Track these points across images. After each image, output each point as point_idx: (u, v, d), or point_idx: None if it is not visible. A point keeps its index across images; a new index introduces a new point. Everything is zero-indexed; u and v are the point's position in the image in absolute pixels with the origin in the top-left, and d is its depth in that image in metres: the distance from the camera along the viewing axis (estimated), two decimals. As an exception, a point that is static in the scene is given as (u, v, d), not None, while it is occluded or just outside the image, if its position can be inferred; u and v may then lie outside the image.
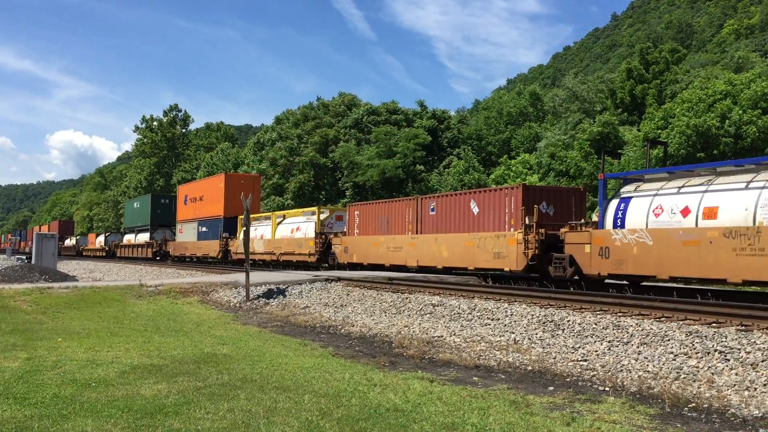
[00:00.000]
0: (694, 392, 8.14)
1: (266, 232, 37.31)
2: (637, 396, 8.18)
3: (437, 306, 14.94)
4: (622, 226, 16.72)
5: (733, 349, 9.14)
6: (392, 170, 52.59)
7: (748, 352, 8.91)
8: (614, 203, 17.36)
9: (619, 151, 44.59)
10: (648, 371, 9.16)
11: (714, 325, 10.47)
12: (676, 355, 9.46)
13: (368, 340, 12.79)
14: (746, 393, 7.88)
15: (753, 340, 9.24)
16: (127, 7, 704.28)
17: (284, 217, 37.14)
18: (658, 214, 15.89)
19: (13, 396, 7.41)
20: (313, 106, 65.80)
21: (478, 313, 13.74)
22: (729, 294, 15.62)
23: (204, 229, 41.66)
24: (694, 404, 7.71)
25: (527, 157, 52.95)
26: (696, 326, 10.38)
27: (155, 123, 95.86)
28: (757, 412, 7.28)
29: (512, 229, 20.37)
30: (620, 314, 12.02)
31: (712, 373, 8.65)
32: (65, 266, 47.97)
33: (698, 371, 8.82)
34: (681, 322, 10.80)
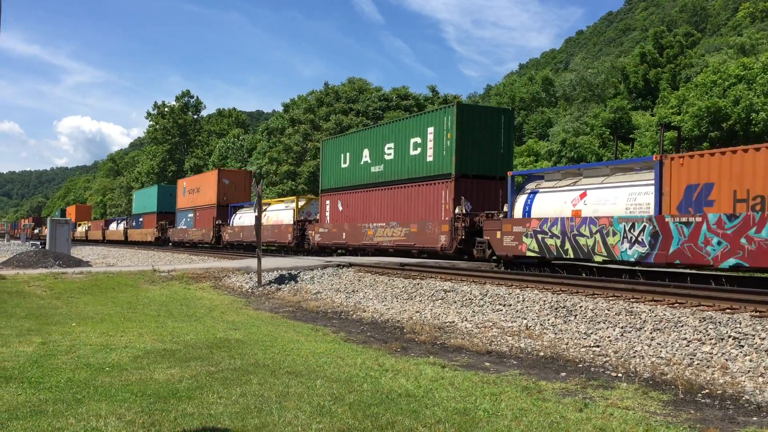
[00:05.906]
0: (708, 378, 8.10)
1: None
2: (650, 382, 8.15)
3: (449, 292, 14.92)
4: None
5: (747, 335, 9.07)
6: None
7: (763, 338, 8.83)
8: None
9: (631, 135, 44.29)
10: (661, 357, 9.11)
11: (728, 311, 10.40)
12: (689, 341, 9.40)
13: (380, 326, 12.81)
14: (760, 379, 7.83)
15: (767, 327, 9.16)
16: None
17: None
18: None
19: (28, 380, 7.48)
20: (326, 92, 65.63)
21: (490, 299, 13.71)
22: (743, 280, 15.49)
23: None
24: (707, 390, 7.67)
25: (531, 144, 52.60)
26: (710, 312, 10.31)
27: (167, 109, 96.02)
28: (772, 398, 7.22)
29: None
30: (633, 300, 11.96)
31: (726, 360, 8.60)
32: (79, 251, 48.35)
33: (712, 357, 8.77)
34: (694, 308, 10.73)
